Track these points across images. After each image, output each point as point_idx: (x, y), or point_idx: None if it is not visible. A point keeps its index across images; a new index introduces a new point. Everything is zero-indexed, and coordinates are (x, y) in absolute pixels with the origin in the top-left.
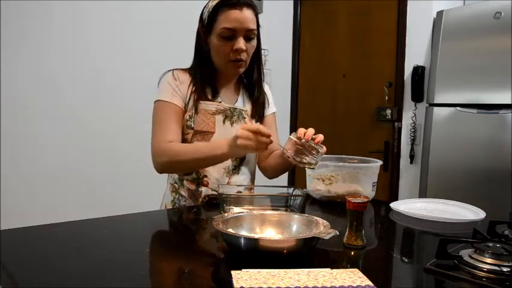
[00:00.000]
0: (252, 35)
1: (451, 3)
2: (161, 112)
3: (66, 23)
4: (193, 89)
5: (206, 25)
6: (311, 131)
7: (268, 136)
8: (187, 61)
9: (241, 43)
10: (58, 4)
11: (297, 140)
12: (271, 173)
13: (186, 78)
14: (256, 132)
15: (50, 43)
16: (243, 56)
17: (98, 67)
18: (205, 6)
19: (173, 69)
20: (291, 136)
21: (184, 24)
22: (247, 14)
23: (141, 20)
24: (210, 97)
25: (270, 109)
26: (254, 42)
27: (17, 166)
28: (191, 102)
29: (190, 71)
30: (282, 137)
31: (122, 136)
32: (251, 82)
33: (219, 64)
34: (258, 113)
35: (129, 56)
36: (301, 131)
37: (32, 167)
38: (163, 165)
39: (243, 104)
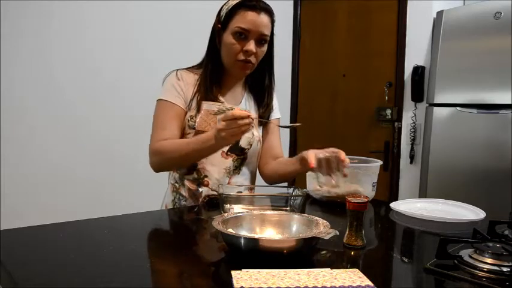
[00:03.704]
0: (264, 40)
1: (451, 3)
2: (162, 111)
3: (66, 23)
4: (198, 88)
5: (222, 22)
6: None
7: (247, 116)
8: (188, 61)
9: (252, 45)
10: (58, 4)
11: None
12: (274, 179)
13: (190, 79)
14: (233, 119)
15: (49, 43)
16: (252, 58)
17: (98, 67)
18: (224, 4)
19: (177, 70)
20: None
21: (185, 25)
22: (263, 18)
23: (141, 20)
24: (214, 97)
25: (275, 114)
26: (265, 48)
27: (17, 166)
28: (194, 103)
29: (197, 69)
30: (282, 139)
31: (122, 136)
32: (262, 88)
33: (227, 62)
34: (264, 118)
35: (129, 56)
36: (347, 163)
37: (32, 167)
38: (157, 164)
39: (246, 106)
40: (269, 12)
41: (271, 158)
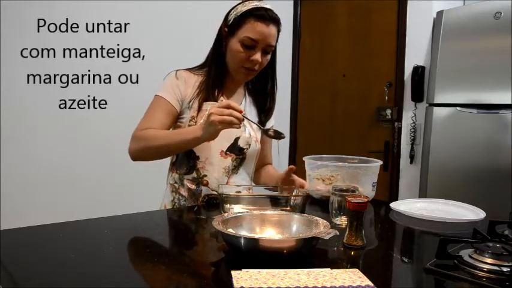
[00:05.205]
0: (270, 50)
1: (451, 3)
2: (155, 105)
3: (66, 23)
4: (201, 88)
5: (230, 27)
6: None
7: (240, 112)
8: (188, 61)
9: (258, 55)
10: (58, 4)
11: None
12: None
13: (190, 80)
14: (228, 107)
15: (49, 43)
16: (257, 66)
17: (98, 67)
18: (233, 8)
19: (177, 70)
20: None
21: (185, 25)
22: (272, 30)
23: (141, 20)
24: (215, 98)
25: (269, 122)
26: (269, 56)
27: (17, 166)
28: (195, 103)
29: (197, 70)
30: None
31: (122, 136)
32: (264, 92)
33: (231, 67)
34: (265, 122)
35: (130, 56)
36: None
37: (32, 167)
38: (135, 151)
39: (244, 107)
40: (277, 22)
41: (260, 165)
